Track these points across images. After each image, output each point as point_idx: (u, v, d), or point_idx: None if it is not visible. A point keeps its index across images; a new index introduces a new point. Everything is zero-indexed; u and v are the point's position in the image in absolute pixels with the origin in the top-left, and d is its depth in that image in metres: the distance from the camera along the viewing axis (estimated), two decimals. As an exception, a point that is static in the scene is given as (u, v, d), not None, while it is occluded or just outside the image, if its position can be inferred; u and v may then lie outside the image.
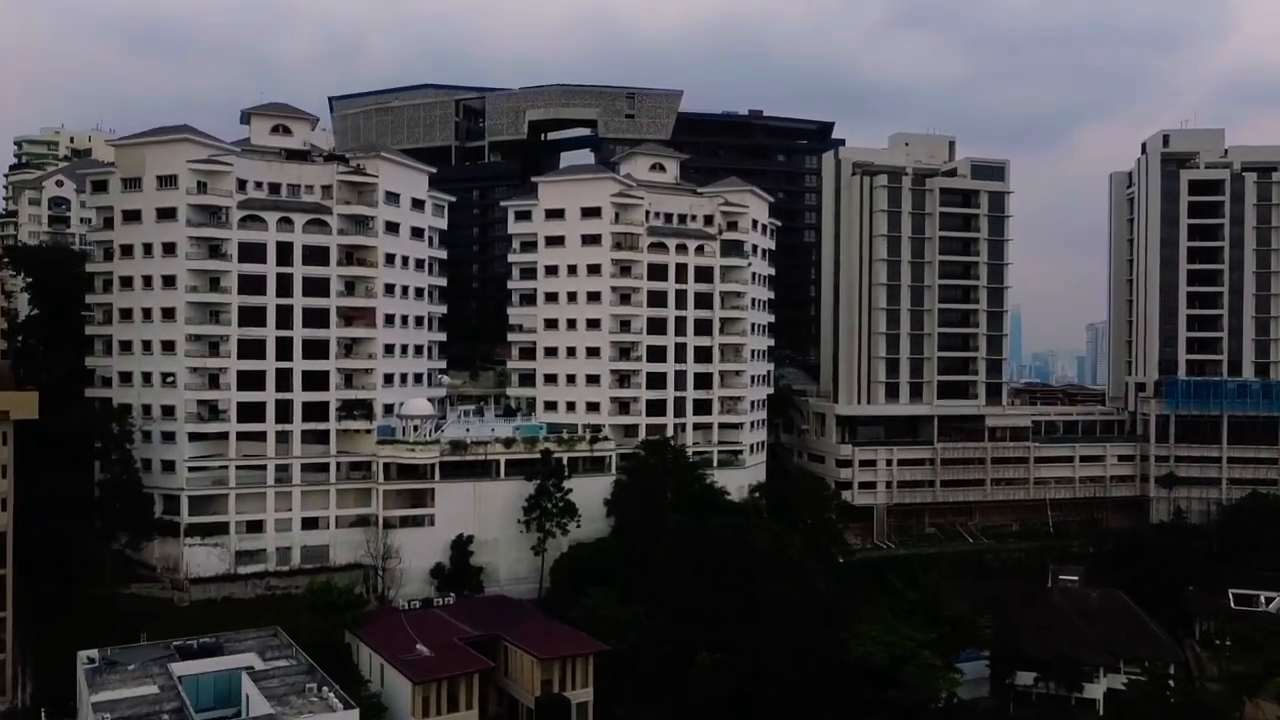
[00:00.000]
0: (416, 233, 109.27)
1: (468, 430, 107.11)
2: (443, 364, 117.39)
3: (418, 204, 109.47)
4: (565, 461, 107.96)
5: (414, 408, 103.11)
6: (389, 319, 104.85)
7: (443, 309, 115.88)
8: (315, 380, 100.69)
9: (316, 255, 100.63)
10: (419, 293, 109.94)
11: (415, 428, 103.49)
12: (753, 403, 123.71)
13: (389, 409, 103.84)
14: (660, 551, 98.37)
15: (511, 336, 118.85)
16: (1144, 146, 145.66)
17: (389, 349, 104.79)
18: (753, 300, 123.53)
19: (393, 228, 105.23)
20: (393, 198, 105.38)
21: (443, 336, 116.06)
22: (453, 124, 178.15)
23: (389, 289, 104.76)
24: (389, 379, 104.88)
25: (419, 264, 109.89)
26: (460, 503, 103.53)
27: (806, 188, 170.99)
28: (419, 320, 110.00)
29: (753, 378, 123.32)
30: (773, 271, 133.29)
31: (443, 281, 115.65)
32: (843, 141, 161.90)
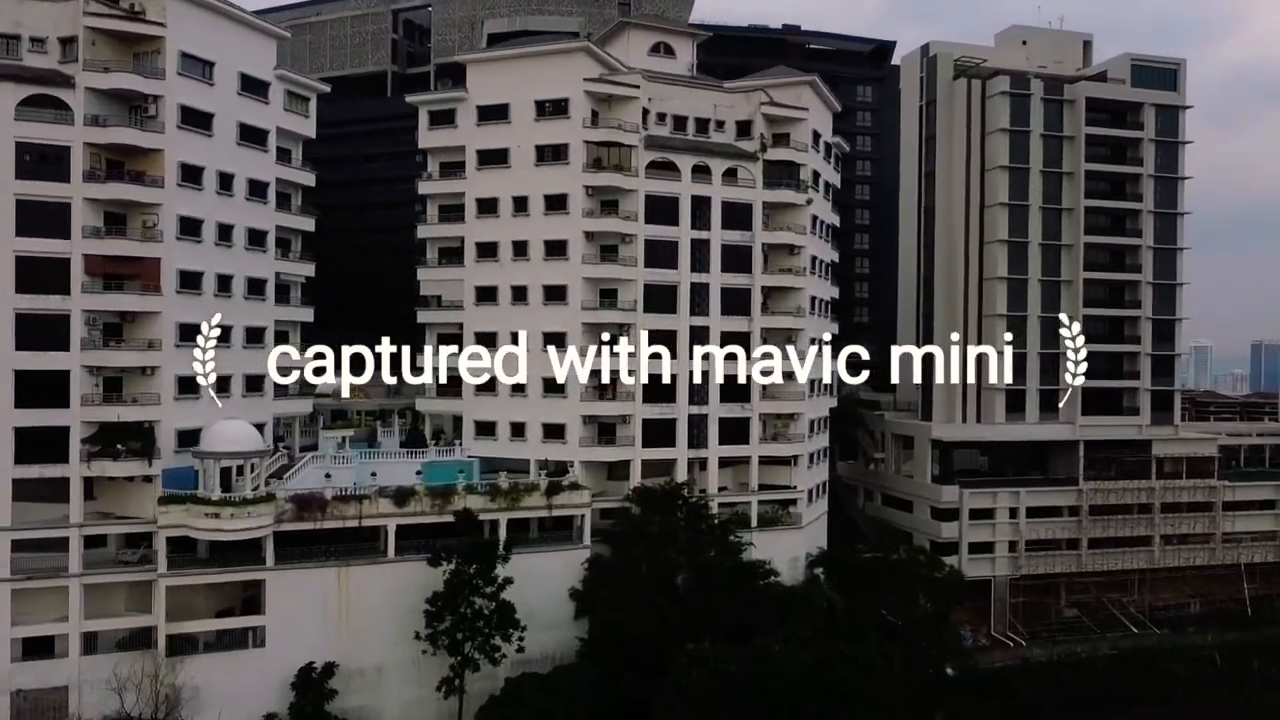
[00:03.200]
0: (250, 135, 63.93)
1: (328, 476, 61.77)
2: (310, 359, 71.79)
3: (252, 86, 64.13)
4: (503, 527, 63.03)
5: (227, 438, 57.78)
6: (187, 280, 59.71)
7: (307, 269, 70.47)
8: (43, 387, 55.67)
9: (46, 154, 55.73)
10: (257, 239, 64.71)
11: (236, 471, 58.51)
12: (813, 423, 78.38)
13: (187, 440, 58.80)
14: (669, 707, 54.33)
15: (424, 315, 73.60)
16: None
17: (188, 333, 59.65)
18: (813, 261, 78.18)
19: (195, 119, 60.03)
20: (196, 66, 60.10)
21: (307, 314, 70.60)
22: (389, 43, 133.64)
23: (188, 227, 59.66)
24: (188, 387, 59.72)
25: (255, 190, 64.55)
26: (313, 605, 58.77)
27: (858, 129, 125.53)
28: (254, 286, 64.70)
29: (812, 384, 78.01)
30: (838, 221, 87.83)
31: (306, 224, 70.24)
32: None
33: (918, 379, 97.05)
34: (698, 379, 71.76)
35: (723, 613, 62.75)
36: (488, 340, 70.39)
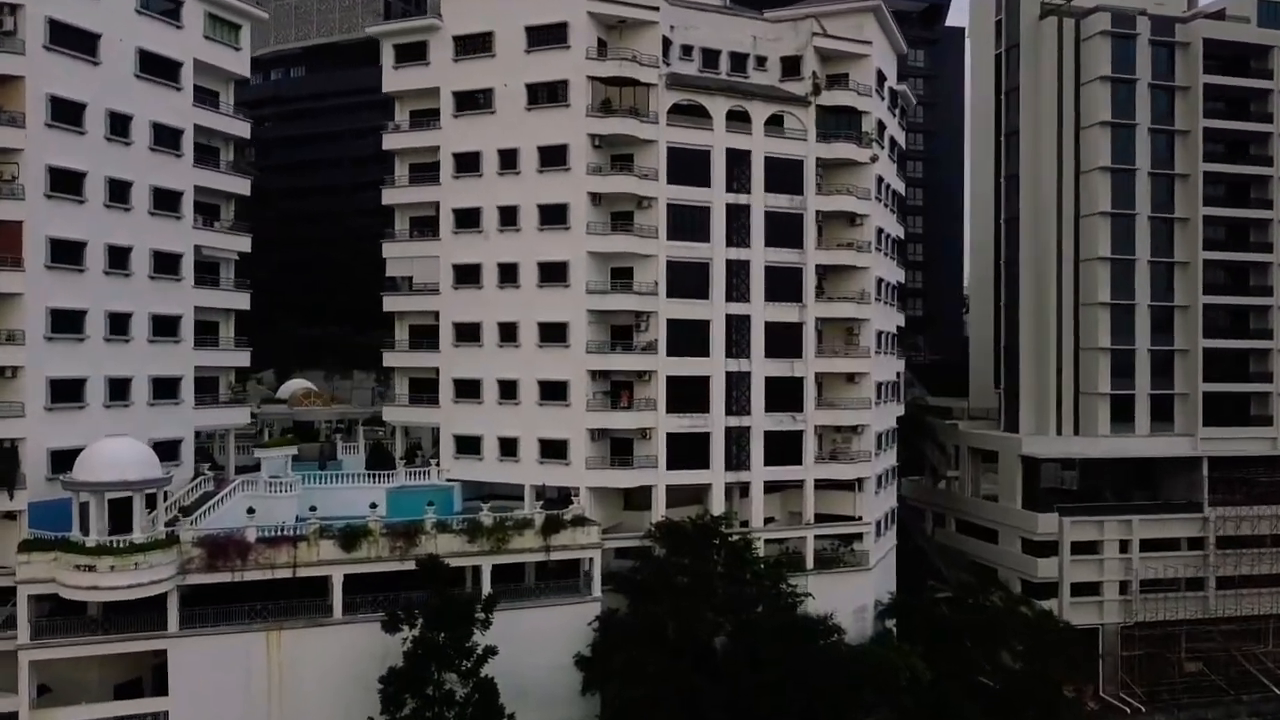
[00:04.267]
0: (155, 66, 49.38)
1: (251, 511, 46.56)
2: (243, 357, 56.93)
3: (157, 1, 49.71)
4: (486, 577, 47.86)
5: (109, 462, 42.59)
6: (63, 252, 45.13)
7: (239, 243, 55.85)
8: None
9: None
10: (166, 201, 50.13)
11: (128, 502, 43.59)
12: (880, 437, 62.73)
13: (65, 463, 44.08)
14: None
15: (392, 302, 58.79)
16: None
17: (65, 322, 45.11)
18: (879, 234, 62.70)
19: (72, 39, 45.48)
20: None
21: (239, 300, 55.82)
22: (382, 6, 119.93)
23: (64, 182, 45.14)
24: (67, 393, 45.14)
25: (163, 138, 50.01)
26: (233, 681, 43.81)
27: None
28: (164, 263, 50.08)
29: (879, 388, 62.43)
30: (903, 187, 72.26)
31: (237, 186, 55.63)
32: (961, 33, 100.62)
33: (985, 380, 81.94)
34: (736, 382, 56.42)
35: (774, 686, 47.30)
36: (469, 333, 55.47)
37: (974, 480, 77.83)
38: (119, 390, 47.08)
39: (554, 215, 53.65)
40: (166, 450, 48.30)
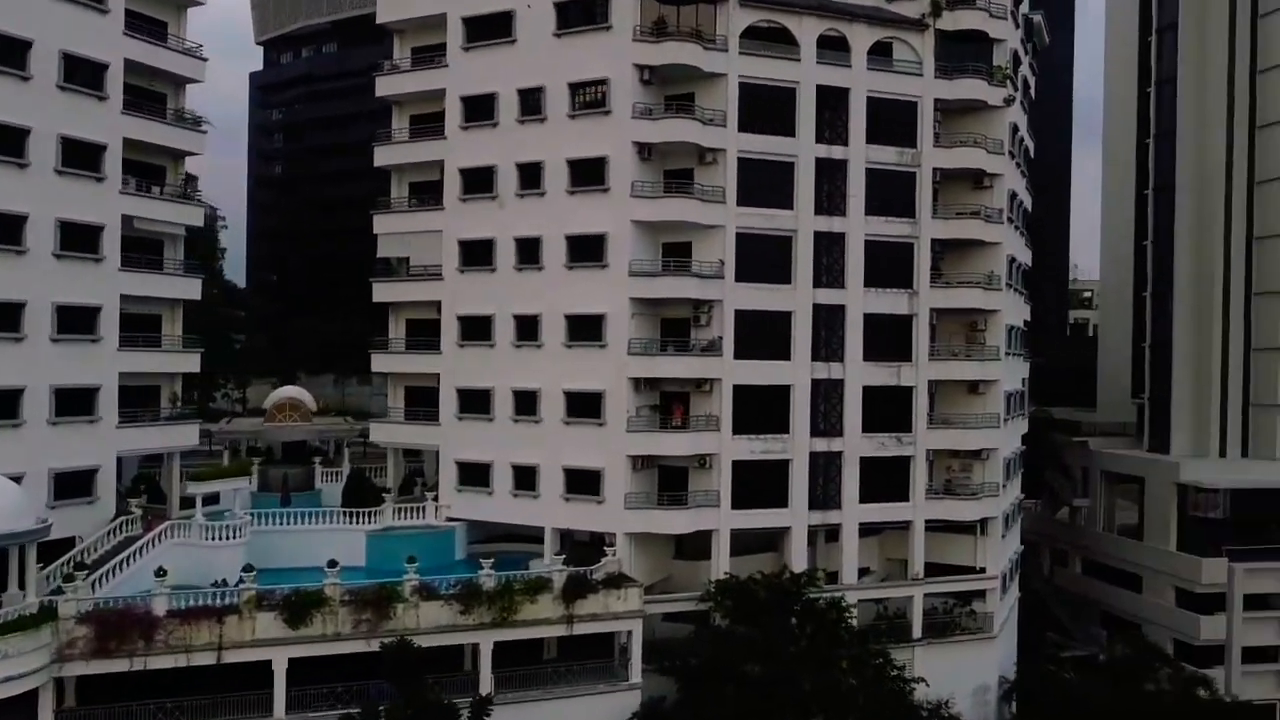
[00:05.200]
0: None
1: (160, 575, 34.05)
2: (191, 361, 44.56)
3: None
4: (485, 660, 35.19)
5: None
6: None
7: (188, 216, 43.58)
8: None
9: None
10: (81, 156, 38.13)
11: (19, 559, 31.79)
12: (1008, 464, 48.76)
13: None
14: None
15: (382, 291, 46.35)
16: None
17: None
18: (1012, 200, 48.58)
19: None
20: None
21: (189, 288, 43.57)
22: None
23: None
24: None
25: (78, 73, 37.98)
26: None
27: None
28: (76, 236, 37.97)
29: (1008, 399, 48.40)
30: (1032, 148, 57.66)
31: (187, 143, 43.32)
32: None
33: (1119, 388, 67.30)
34: (825, 393, 43.01)
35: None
36: (478, 329, 42.87)
37: (1108, 511, 63.25)
38: (4, 405, 35.34)
39: (589, 173, 40.71)
40: (72, 484, 36.72)
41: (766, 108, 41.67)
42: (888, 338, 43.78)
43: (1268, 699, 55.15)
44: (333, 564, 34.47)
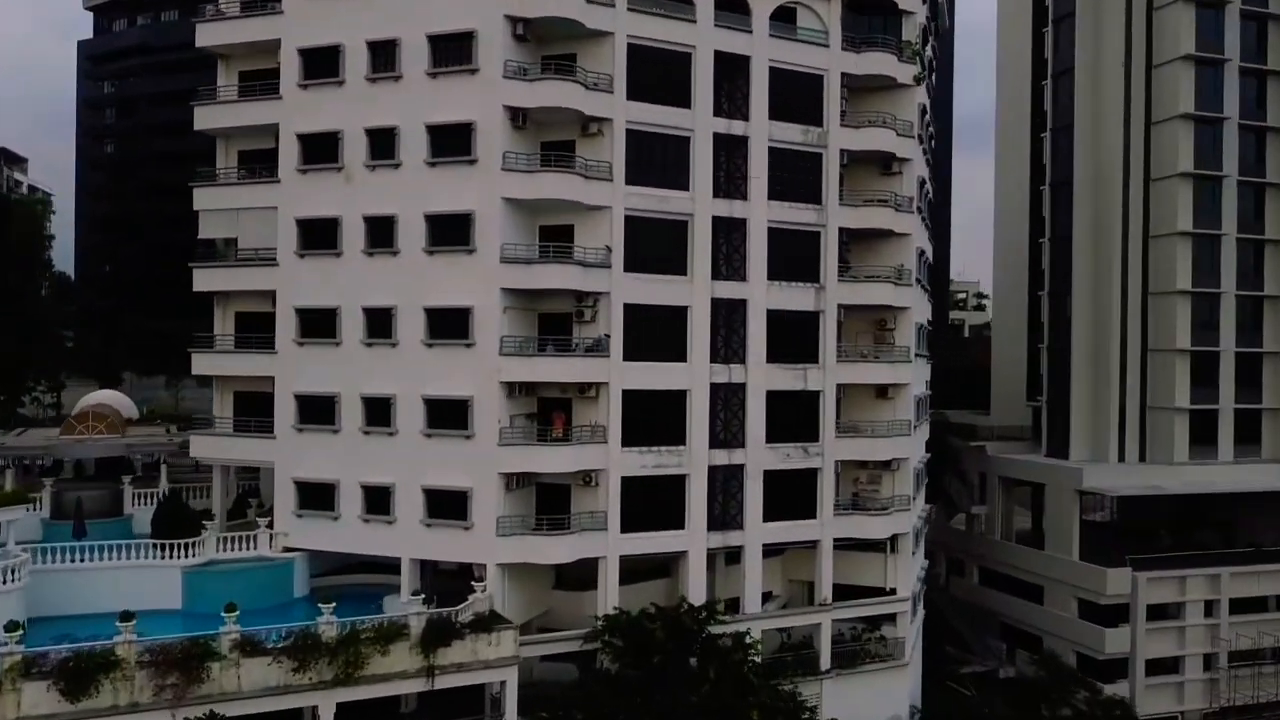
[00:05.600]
0: None
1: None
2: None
3: None
4: (320, 731, 28.73)
5: None
6: None
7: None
8: None
9: None
10: None
11: None
12: (917, 474, 45.08)
13: None
14: None
15: (204, 279, 38.99)
16: None
17: None
18: (921, 187, 44.87)
19: None
20: None
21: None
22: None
23: None
24: None
25: None
26: None
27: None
28: None
29: (917, 404, 44.71)
30: (934, 132, 54.38)
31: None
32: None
33: (1013, 391, 65.48)
34: (726, 398, 38.18)
35: None
36: (320, 323, 36.19)
37: (1005, 518, 60.89)
38: None
39: (453, 142, 34.62)
40: None
41: (659, 74, 36.52)
42: (793, 337, 39.22)
43: (1169, 712, 53.51)
44: (127, 616, 27.31)
